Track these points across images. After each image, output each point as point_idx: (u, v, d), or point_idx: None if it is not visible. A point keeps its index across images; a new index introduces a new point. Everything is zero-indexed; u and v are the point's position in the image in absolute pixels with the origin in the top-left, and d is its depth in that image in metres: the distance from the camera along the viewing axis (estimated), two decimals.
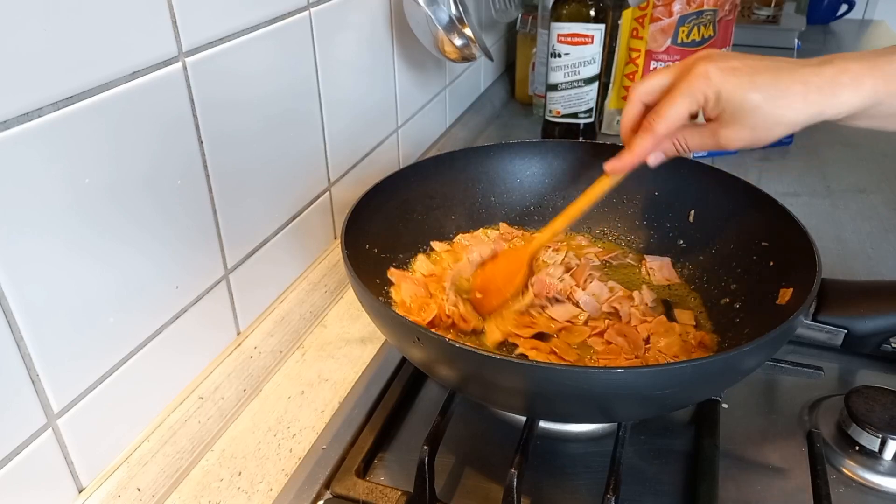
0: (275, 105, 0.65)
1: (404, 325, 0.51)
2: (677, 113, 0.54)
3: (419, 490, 0.52)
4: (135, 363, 0.53)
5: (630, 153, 0.58)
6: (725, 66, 0.51)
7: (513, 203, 0.79)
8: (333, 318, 0.77)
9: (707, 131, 0.54)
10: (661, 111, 0.54)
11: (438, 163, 0.75)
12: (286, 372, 0.68)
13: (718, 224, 0.70)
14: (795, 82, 0.50)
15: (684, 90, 0.53)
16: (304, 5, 0.67)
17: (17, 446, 0.44)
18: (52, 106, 0.42)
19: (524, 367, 0.47)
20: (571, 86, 1.09)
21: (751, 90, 0.50)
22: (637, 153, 0.57)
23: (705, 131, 0.55)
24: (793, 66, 0.51)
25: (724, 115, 0.52)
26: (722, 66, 0.51)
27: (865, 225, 0.91)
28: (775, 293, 0.59)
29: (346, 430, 0.60)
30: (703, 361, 0.46)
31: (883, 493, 0.54)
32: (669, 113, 0.54)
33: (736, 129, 0.52)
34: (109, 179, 0.48)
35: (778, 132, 0.52)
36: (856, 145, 1.14)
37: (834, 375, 0.65)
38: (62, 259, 0.45)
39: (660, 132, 0.55)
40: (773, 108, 0.50)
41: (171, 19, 0.51)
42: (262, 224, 0.67)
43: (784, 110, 0.50)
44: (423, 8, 0.78)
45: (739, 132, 0.52)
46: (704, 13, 1.10)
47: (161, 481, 0.54)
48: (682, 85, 0.53)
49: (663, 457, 0.57)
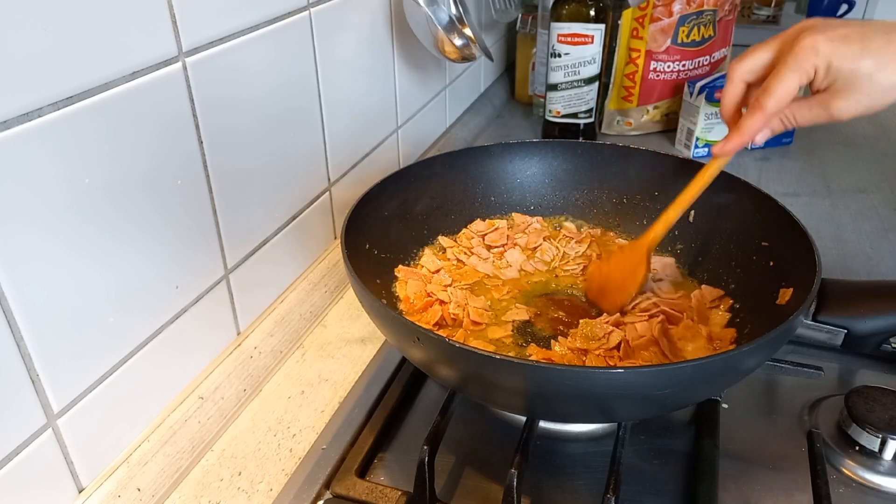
0: (275, 105, 0.65)
1: (404, 325, 0.51)
2: (787, 89, 0.52)
3: (419, 490, 0.52)
4: (135, 363, 0.53)
5: (739, 134, 0.56)
6: (834, 34, 0.50)
7: (513, 203, 0.79)
8: (333, 318, 0.77)
9: (817, 103, 0.53)
10: (769, 88, 0.53)
11: (438, 163, 0.75)
12: (286, 372, 0.68)
13: (718, 224, 0.70)
14: None
15: (792, 64, 0.51)
16: (304, 5, 0.67)
17: (17, 446, 0.44)
18: (52, 106, 0.42)
19: (524, 367, 0.47)
20: (571, 86, 1.09)
21: (863, 57, 0.49)
22: (747, 132, 0.56)
23: (815, 103, 0.53)
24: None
25: (836, 85, 0.51)
26: (830, 36, 0.50)
27: (865, 225, 0.91)
28: (775, 293, 0.59)
29: (346, 430, 0.60)
30: (703, 361, 0.46)
31: (883, 493, 0.54)
32: (779, 89, 0.52)
33: (850, 98, 0.51)
34: (109, 179, 0.48)
35: (893, 96, 0.51)
36: (856, 145, 1.14)
37: (834, 375, 0.65)
38: (62, 259, 0.45)
39: (770, 110, 0.53)
40: (887, 73, 0.49)
41: (171, 19, 0.51)
42: (262, 224, 0.67)
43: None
44: (423, 8, 0.78)
45: (854, 101, 0.51)
46: (704, 13, 1.10)
47: (161, 481, 0.54)
48: (788, 59, 0.51)
49: (663, 457, 0.57)
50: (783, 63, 0.52)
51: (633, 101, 1.17)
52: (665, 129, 1.20)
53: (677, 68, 1.13)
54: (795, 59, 0.51)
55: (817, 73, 0.51)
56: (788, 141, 1.14)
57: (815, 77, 0.52)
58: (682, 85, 1.12)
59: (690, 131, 1.10)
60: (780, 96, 0.53)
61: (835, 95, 0.52)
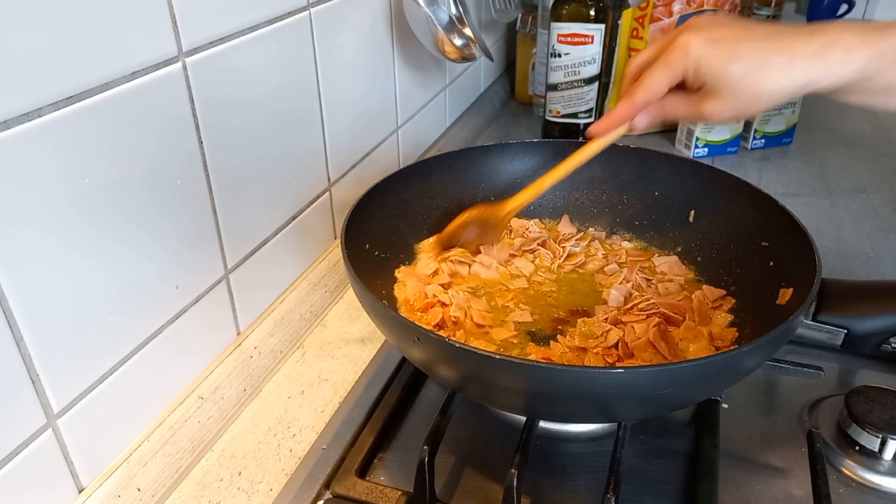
0: (275, 105, 0.65)
1: (404, 325, 0.51)
2: (654, 83, 0.54)
3: (419, 490, 0.52)
4: (135, 363, 0.53)
5: (609, 117, 0.59)
6: (709, 36, 0.51)
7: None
8: (333, 318, 0.77)
9: (691, 102, 0.54)
10: (640, 80, 0.55)
11: (438, 163, 0.75)
12: (286, 372, 0.68)
13: (718, 224, 0.70)
14: (780, 52, 0.49)
15: (662, 61, 0.53)
16: (304, 5, 0.67)
17: (17, 446, 0.44)
18: (52, 106, 0.42)
19: (524, 366, 0.47)
20: (571, 86, 1.09)
21: (731, 62, 0.50)
22: (614, 118, 0.58)
23: (689, 102, 0.54)
24: (782, 35, 0.49)
25: (706, 87, 0.52)
26: (705, 37, 0.51)
27: (865, 225, 0.91)
28: (775, 293, 0.59)
29: (346, 430, 0.60)
30: (703, 361, 0.46)
31: (883, 493, 0.54)
32: (647, 83, 0.54)
33: (719, 101, 0.52)
34: (109, 179, 0.48)
35: (762, 104, 0.51)
36: (856, 145, 1.14)
37: (834, 375, 0.65)
38: (62, 259, 0.45)
39: (638, 101, 0.55)
40: (754, 80, 0.49)
41: (171, 19, 0.51)
42: (262, 224, 0.67)
43: (766, 82, 0.49)
44: (423, 8, 0.78)
45: (722, 104, 0.52)
46: (704, 13, 1.10)
47: (161, 481, 0.54)
48: (662, 56, 0.53)
49: (663, 457, 0.57)
50: (657, 59, 0.54)
51: None
52: (665, 129, 1.20)
53: None
54: (667, 56, 0.53)
55: (687, 73, 0.52)
56: (788, 141, 1.14)
57: (686, 76, 0.52)
58: None
59: (690, 131, 1.10)
60: (646, 89, 0.54)
61: (706, 97, 0.52)
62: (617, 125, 0.59)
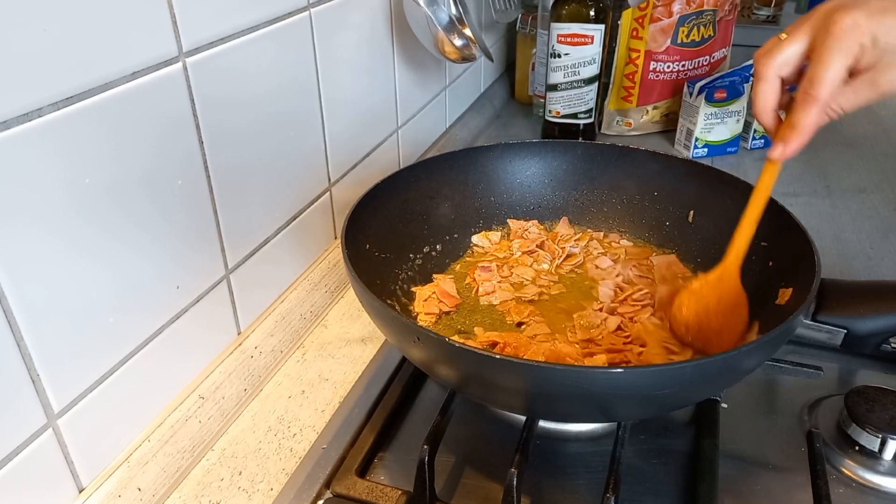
0: (275, 105, 0.65)
1: (404, 325, 0.51)
2: (836, 72, 0.49)
3: (419, 490, 0.52)
4: (135, 363, 0.53)
5: (797, 132, 0.51)
6: (871, 9, 0.48)
7: (513, 203, 0.79)
8: (334, 317, 0.77)
9: (863, 84, 0.49)
10: (817, 76, 0.49)
11: (439, 163, 0.75)
12: (286, 372, 0.68)
13: (718, 224, 0.70)
14: None
15: (835, 46, 0.48)
16: (304, 5, 0.67)
17: (17, 446, 0.44)
18: (52, 106, 0.42)
19: (524, 366, 0.47)
20: (571, 86, 1.09)
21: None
22: (807, 128, 0.51)
23: (860, 84, 0.49)
24: None
25: (885, 60, 0.48)
26: (868, 11, 0.48)
27: (865, 225, 0.91)
28: (775, 293, 0.59)
29: (347, 430, 0.60)
30: (703, 361, 0.46)
31: (883, 493, 0.54)
32: (828, 75, 0.49)
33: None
34: (110, 179, 0.48)
35: None
36: (856, 145, 1.14)
37: (834, 375, 0.65)
38: (62, 259, 0.45)
39: (825, 99, 0.49)
40: None
41: (172, 19, 0.51)
42: (262, 224, 0.67)
43: None
44: (423, 8, 0.78)
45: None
46: (704, 13, 1.10)
47: (161, 481, 0.54)
48: (829, 41, 0.48)
49: (663, 457, 0.57)
50: (825, 46, 0.48)
51: (632, 101, 1.17)
52: (665, 130, 1.20)
53: (677, 68, 1.13)
54: (837, 39, 0.48)
55: (864, 51, 0.48)
56: None
57: (861, 55, 0.48)
58: (681, 85, 1.12)
59: (690, 131, 1.10)
60: (830, 82, 0.49)
61: (883, 70, 0.48)
62: (811, 135, 0.51)
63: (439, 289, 0.69)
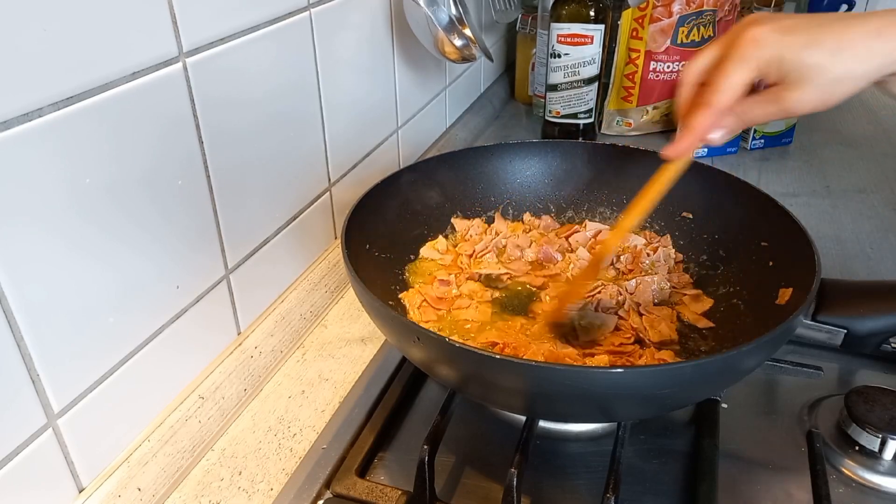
0: (275, 105, 0.65)
1: (404, 325, 0.51)
2: (733, 82, 0.51)
3: (419, 490, 0.52)
4: (135, 363, 0.53)
5: (689, 133, 0.54)
6: (779, 26, 0.49)
7: (513, 203, 0.79)
8: (334, 317, 0.77)
9: (769, 98, 0.51)
10: (715, 84, 0.51)
11: (438, 163, 0.75)
12: (286, 372, 0.68)
13: (718, 224, 0.70)
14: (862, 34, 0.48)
15: (735, 58, 0.50)
16: (304, 5, 0.67)
17: (17, 446, 0.44)
18: (52, 106, 0.42)
19: (524, 366, 0.47)
20: (571, 86, 1.09)
21: (809, 48, 0.48)
22: (696, 131, 0.53)
23: (767, 98, 0.51)
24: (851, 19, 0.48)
25: (789, 78, 0.49)
26: (775, 27, 0.49)
27: (865, 225, 0.91)
28: (775, 293, 0.59)
29: (347, 430, 0.60)
30: (703, 361, 0.46)
31: (883, 493, 0.54)
32: (724, 84, 0.51)
33: (802, 90, 0.49)
34: (110, 179, 0.48)
35: (847, 88, 0.49)
36: (856, 145, 1.14)
37: (834, 375, 0.66)
38: (62, 259, 0.45)
39: (717, 105, 0.51)
40: (840, 63, 0.48)
41: (172, 19, 0.51)
42: (262, 224, 0.67)
43: (852, 64, 0.48)
44: (423, 8, 0.78)
45: (806, 93, 0.49)
46: (704, 13, 1.10)
47: (161, 481, 0.54)
48: (733, 53, 0.50)
49: (663, 457, 0.57)
50: (727, 57, 0.51)
51: (632, 101, 1.17)
52: (664, 130, 1.20)
53: (677, 69, 1.13)
54: (739, 52, 0.50)
55: (769, 66, 0.50)
56: (788, 141, 1.14)
57: (766, 70, 0.50)
58: None
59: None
60: (725, 90, 0.51)
61: (787, 88, 0.50)
62: (701, 137, 0.53)
63: (429, 296, 0.68)
